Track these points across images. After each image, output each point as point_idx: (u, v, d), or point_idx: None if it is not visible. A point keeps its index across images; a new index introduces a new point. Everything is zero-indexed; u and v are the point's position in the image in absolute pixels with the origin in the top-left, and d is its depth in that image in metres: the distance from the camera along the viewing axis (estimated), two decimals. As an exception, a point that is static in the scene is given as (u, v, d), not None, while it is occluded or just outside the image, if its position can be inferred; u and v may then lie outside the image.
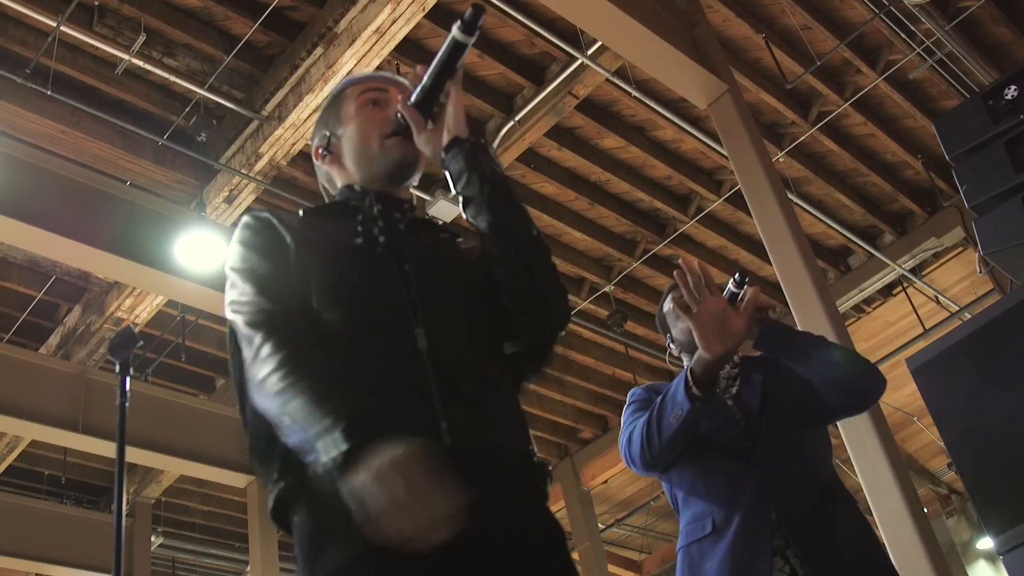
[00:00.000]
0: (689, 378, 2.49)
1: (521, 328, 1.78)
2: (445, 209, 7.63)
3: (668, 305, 2.91)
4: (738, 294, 2.63)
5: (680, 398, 2.49)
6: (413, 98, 1.85)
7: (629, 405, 2.85)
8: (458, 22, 1.76)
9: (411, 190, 2.01)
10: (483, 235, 1.80)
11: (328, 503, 1.50)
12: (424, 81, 1.84)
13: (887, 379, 2.74)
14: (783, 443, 2.61)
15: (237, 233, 1.81)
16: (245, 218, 1.82)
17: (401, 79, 2.03)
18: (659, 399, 2.59)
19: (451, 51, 1.80)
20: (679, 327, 2.85)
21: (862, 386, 2.69)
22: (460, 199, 1.84)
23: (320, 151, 1.99)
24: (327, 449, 1.45)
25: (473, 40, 1.79)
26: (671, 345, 2.94)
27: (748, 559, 2.43)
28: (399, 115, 1.88)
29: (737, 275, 2.62)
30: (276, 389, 1.54)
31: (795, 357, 2.70)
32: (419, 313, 1.68)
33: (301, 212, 1.87)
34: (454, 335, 1.70)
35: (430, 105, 1.85)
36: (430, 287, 1.73)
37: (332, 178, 1.99)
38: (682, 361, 2.91)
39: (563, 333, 1.83)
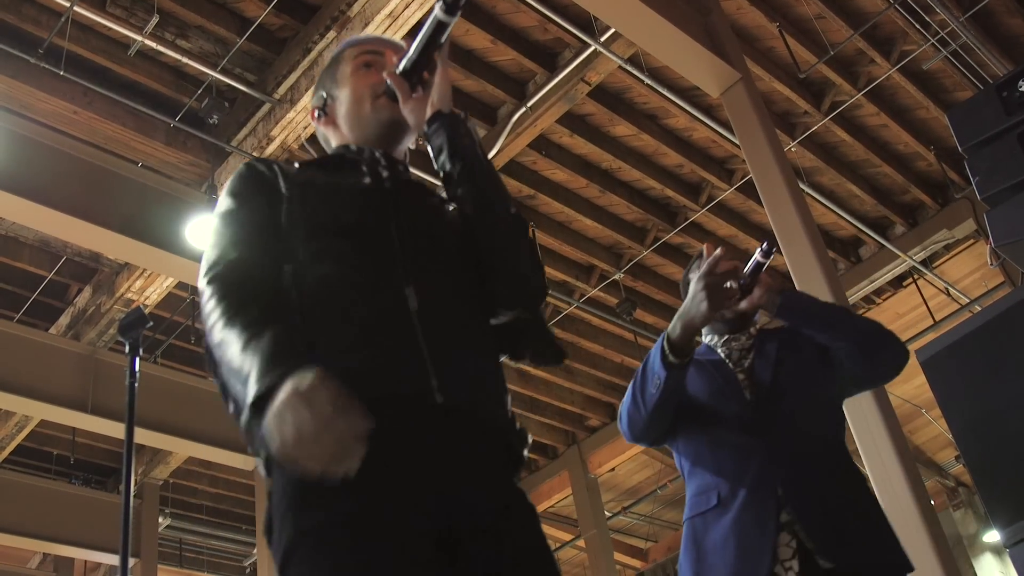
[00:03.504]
0: (665, 346, 2.47)
1: (498, 302, 1.79)
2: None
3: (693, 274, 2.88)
4: (763, 264, 2.61)
5: (657, 367, 2.48)
6: (400, 67, 1.88)
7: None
8: (441, 1, 1.77)
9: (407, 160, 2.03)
10: (462, 211, 1.81)
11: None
12: (410, 52, 1.86)
13: None
14: (793, 418, 2.56)
15: (229, 181, 1.83)
16: (240, 166, 1.84)
17: (399, 42, 2.06)
18: (639, 369, 2.57)
19: (433, 30, 1.81)
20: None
21: (886, 356, 2.65)
22: (441, 174, 1.86)
23: (316, 112, 2.04)
24: (246, 401, 1.46)
25: (455, 20, 1.80)
26: None
27: (753, 533, 2.39)
28: (391, 85, 1.91)
29: (765, 244, 2.59)
30: (216, 341, 1.56)
31: (819, 325, 2.67)
32: (410, 271, 1.69)
33: (296, 164, 1.89)
34: (442, 296, 1.71)
35: (418, 75, 1.87)
36: (420, 246, 1.74)
37: (328, 139, 2.03)
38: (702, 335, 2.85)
39: (538, 308, 1.83)
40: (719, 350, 2.75)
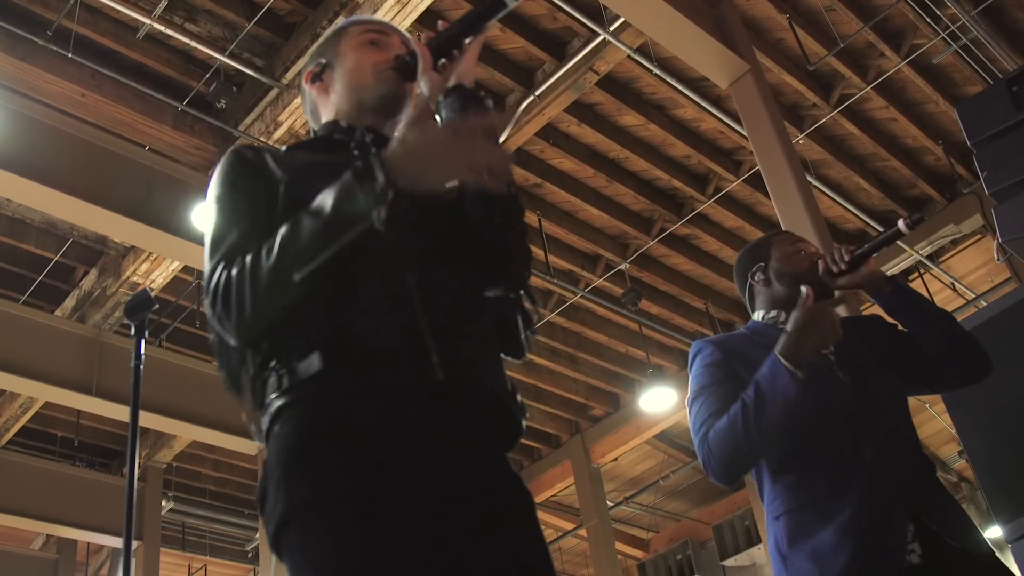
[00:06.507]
0: (788, 365, 2.26)
1: (482, 277, 1.78)
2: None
3: (786, 247, 2.72)
4: (902, 236, 2.52)
5: (783, 387, 2.26)
6: (432, 41, 1.85)
7: (700, 369, 2.55)
8: None
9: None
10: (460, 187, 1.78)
11: (329, 406, 1.52)
12: (450, 27, 1.84)
13: None
14: (887, 399, 2.46)
15: (217, 169, 1.77)
16: (226, 154, 1.78)
17: (406, 33, 2.02)
18: (750, 399, 2.31)
19: (491, 9, 1.78)
20: (794, 263, 2.65)
21: (980, 367, 2.58)
22: None
23: (311, 76, 2.00)
24: (364, 196, 1.49)
25: (515, 4, 1.76)
26: (757, 274, 2.71)
27: (881, 520, 2.25)
28: (405, 54, 1.89)
29: (913, 216, 2.48)
30: (270, 267, 1.52)
31: (924, 321, 2.56)
32: (404, 250, 1.67)
33: (284, 148, 1.86)
34: (441, 273, 1.70)
35: (445, 51, 1.85)
36: (413, 224, 1.70)
37: (317, 108, 1.99)
38: (767, 287, 2.69)
39: (517, 288, 1.82)
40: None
